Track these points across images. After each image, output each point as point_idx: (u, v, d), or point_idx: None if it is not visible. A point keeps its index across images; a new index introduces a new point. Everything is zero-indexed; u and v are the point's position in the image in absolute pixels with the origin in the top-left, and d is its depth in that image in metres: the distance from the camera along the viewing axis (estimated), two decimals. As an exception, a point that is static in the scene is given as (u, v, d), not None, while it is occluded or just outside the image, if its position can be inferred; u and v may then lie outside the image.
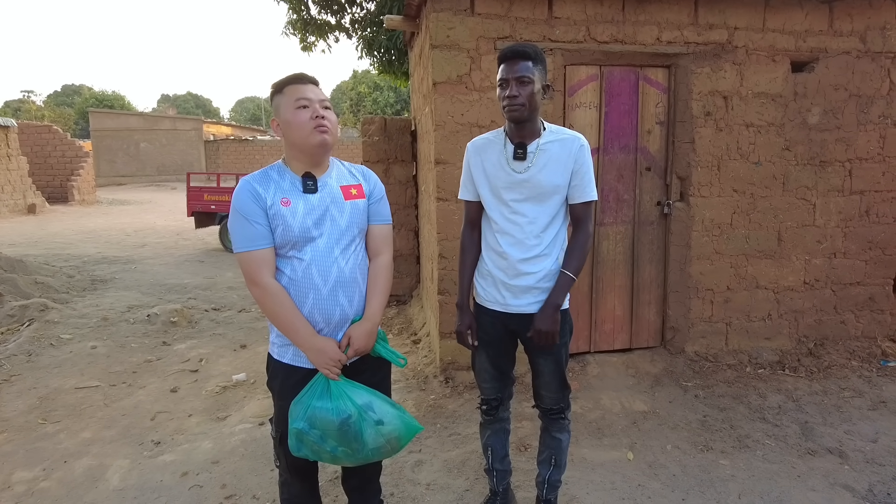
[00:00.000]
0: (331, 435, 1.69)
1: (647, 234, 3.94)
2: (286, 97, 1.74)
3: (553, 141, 2.03)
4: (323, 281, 1.75)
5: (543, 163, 2.01)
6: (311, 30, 8.42)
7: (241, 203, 1.72)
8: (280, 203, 1.72)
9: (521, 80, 1.92)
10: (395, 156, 5.63)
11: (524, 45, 1.97)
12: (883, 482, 2.64)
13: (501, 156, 2.05)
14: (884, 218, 4.07)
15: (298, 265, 1.75)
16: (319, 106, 1.74)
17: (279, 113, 1.76)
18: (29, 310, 5.21)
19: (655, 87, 3.80)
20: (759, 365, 3.89)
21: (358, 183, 1.88)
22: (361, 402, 1.72)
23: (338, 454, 1.73)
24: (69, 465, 2.91)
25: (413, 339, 4.58)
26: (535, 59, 1.94)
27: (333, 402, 1.69)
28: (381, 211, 1.93)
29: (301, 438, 1.71)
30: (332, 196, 1.79)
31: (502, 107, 1.97)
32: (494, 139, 2.10)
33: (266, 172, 1.80)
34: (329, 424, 1.68)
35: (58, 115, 40.42)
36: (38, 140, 18.84)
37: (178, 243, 10.46)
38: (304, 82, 1.76)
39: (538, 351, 2.14)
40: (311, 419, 1.69)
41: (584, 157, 2.02)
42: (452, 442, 3.02)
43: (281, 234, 1.72)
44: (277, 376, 1.85)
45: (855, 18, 3.83)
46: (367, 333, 1.80)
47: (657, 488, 2.61)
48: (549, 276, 2.06)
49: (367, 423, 1.70)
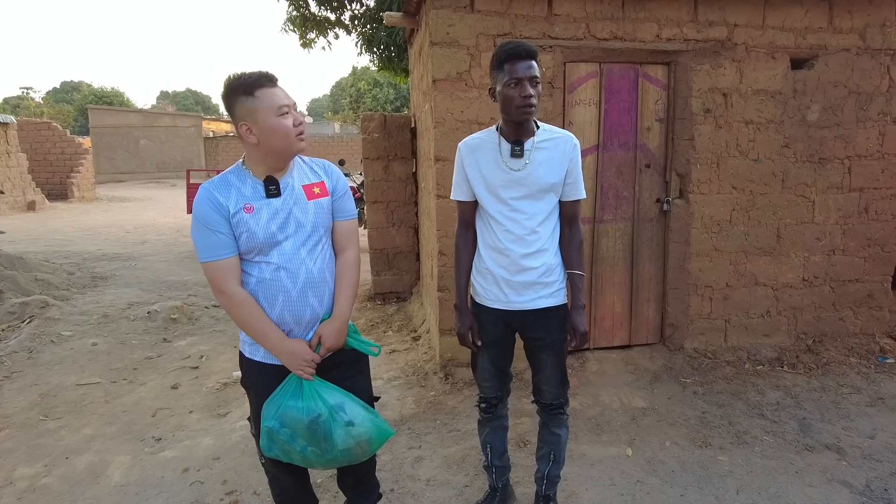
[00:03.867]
0: (300, 434, 1.70)
1: (646, 230, 3.95)
2: (262, 102, 1.66)
3: (548, 139, 2.05)
4: (292, 283, 1.74)
5: (540, 160, 2.02)
6: (311, 26, 8.42)
7: (202, 212, 1.69)
8: (243, 210, 1.70)
9: (533, 80, 1.93)
10: (395, 153, 5.63)
11: (527, 43, 1.97)
12: (880, 478, 2.65)
13: (497, 154, 2.05)
14: (883, 215, 4.08)
15: (266, 268, 1.73)
16: (296, 111, 1.73)
17: (254, 118, 1.66)
18: (29, 307, 5.22)
19: (655, 84, 3.80)
20: (757, 361, 3.91)
21: (320, 181, 1.84)
22: (333, 402, 1.73)
23: (307, 455, 1.74)
24: (70, 461, 2.93)
25: (413, 335, 4.59)
26: (537, 58, 1.97)
27: (305, 401, 1.71)
28: (346, 207, 1.89)
29: (272, 437, 1.73)
30: (295, 197, 1.76)
31: (514, 106, 1.94)
32: (487, 138, 2.10)
33: (225, 177, 1.75)
34: (299, 423, 1.69)
35: (57, 111, 40.38)
36: (38, 137, 18.81)
37: (178, 240, 10.45)
38: (275, 85, 1.70)
39: (540, 347, 2.15)
40: (281, 418, 1.71)
41: (577, 156, 2.07)
42: (452, 438, 3.04)
43: (246, 241, 1.71)
44: (251, 374, 1.85)
45: (854, 15, 3.83)
46: (337, 331, 1.79)
47: (656, 484, 2.62)
48: (549, 270, 2.09)
49: (337, 424, 1.71)
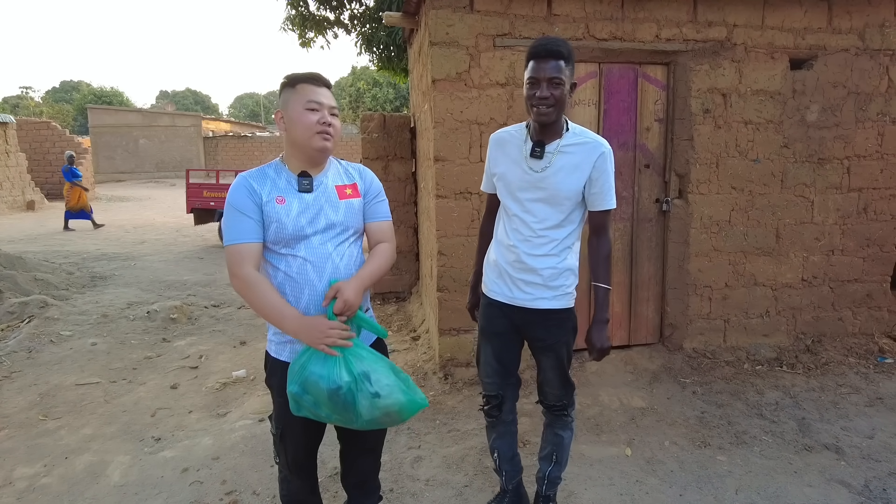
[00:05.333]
0: (322, 403, 1.65)
1: (645, 231, 3.95)
2: (298, 94, 1.73)
3: (574, 144, 1.97)
4: (318, 277, 1.75)
5: (560, 165, 1.96)
6: (310, 25, 8.41)
7: (236, 197, 1.73)
8: (275, 201, 1.73)
9: (552, 80, 1.85)
10: (395, 152, 5.63)
11: (557, 41, 1.89)
12: (879, 478, 2.66)
13: (520, 152, 2.03)
14: (882, 215, 4.08)
15: (293, 262, 1.75)
16: (328, 112, 1.74)
17: (287, 108, 1.75)
18: (29, 306, 5.22)
19: (654, 85, 3.80)
20: (756, 361, 3.91)
21: (353, 182, 1.88)
22: (359, 370, 1.64)
23: (333, 420, 1.70)
24: (70, 461, 2.93)
25: (412, 335, 4.60)
26: (567, 59, 1.88)
27: (327, 369, 1.63)
28: (381, 209, 1.94)
29: (297, 401, 1.68)
30: (327, 195, 1.80)
31: (530, 105, 1.91)
32: (516, 134, 2.07)
33: (263, 170, 1.80)
34: (320, 392, 1.63)
35: (56, 111, 40.35)
36: (37, 136, 18.81)
37: (177, 240, 10.45)
38: (318, 84, 1.75)
39: (540, 348, 2.15)
40: (304, 384, 1.65)
41: (605, 166, 1.97)
42: (451, 438, 3.04)
43: (275, 232, 1.73)
44: (275, 374, 1.85)
45: (854, 16, 3.83)
46: (355, 289, 1.73)
47: (655, 484, 2.62)
48: (555, 275, 2.04)
49: (362, 395, 1.63)
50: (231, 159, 29.01)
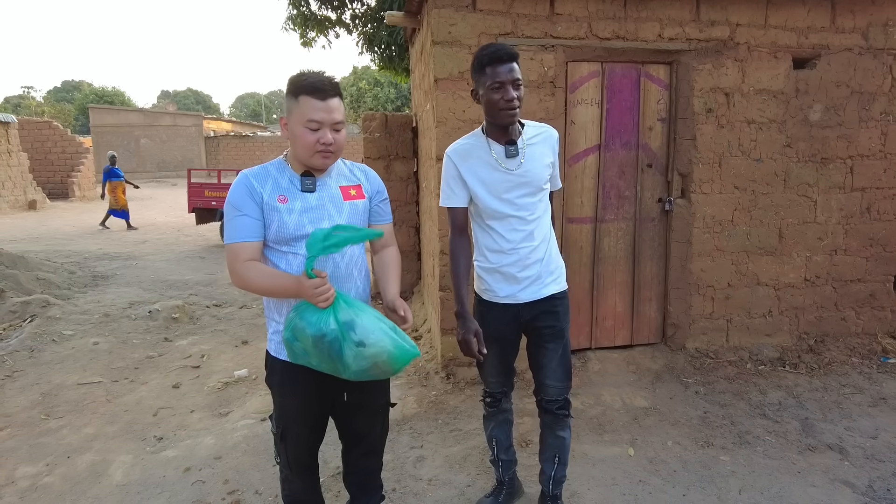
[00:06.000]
0: (311, 351, 1.64)
1: (648, 230, 3.94)
2: (299, 108, 1.67)
3: (536, 135, 2.11)
4: None
5: (532, 156, 2.08)
6: (312, 25, 8.41)
7: (236, 196, 1.73)
8: (277, 200, 1.72)
9: (516, 82, 1.95)
10: (396, 152, 5.63)
11: (507, 45, 1.99)
12: (883, 478, 2.65)
13: (489, 157, 2.06)
14: (885, 215, 4.07)
15: (294, 260, 1.75)
16: (330, 129, 1.69)
17: (289, 117, 1.72)
18: (31, 306, 5.22)
19: (657, 84, 3.79)
20: (759, 361, 3.90)
21: (358, 183, 1.87)
22: (344, 318, 1.63)
23: (324, 369, 1.68)
24: (72, 460, 2.93)
25: (414, 335, 4.60)
26: (518, 60, 1.98)
27: (316, 316, 1.63)
28: (385, 210, 1.95)
29: (290, 348, 1.68)
30: (331, 196, 1.79)
31: (498, 109, 1.96)
32: (475, 142, 2.10)
33: (265, 168, 1.79)
34: (307, 339, 1.63)
35: (58, 110, 40.41)
36: (39, 136, 18.84)
37: (178, 239, 10.47)
38: (322, 97, 1.66)
39: (549, 336, 2.16)
40: (294, 330, 1.65)
41: (557, 149, 2.18)
42: (454, 438, 3.04)
43: (276, 231, 1.73)
44: (276, 373, 1.85)
45: (857, 15, 3.82)
46: (403, 301, 1.90)
47: (658, 484, 2.62)
48: (551, 259, 2.17)
49: (347, 343, 1.62)
50: (232, 159, 29.05)
